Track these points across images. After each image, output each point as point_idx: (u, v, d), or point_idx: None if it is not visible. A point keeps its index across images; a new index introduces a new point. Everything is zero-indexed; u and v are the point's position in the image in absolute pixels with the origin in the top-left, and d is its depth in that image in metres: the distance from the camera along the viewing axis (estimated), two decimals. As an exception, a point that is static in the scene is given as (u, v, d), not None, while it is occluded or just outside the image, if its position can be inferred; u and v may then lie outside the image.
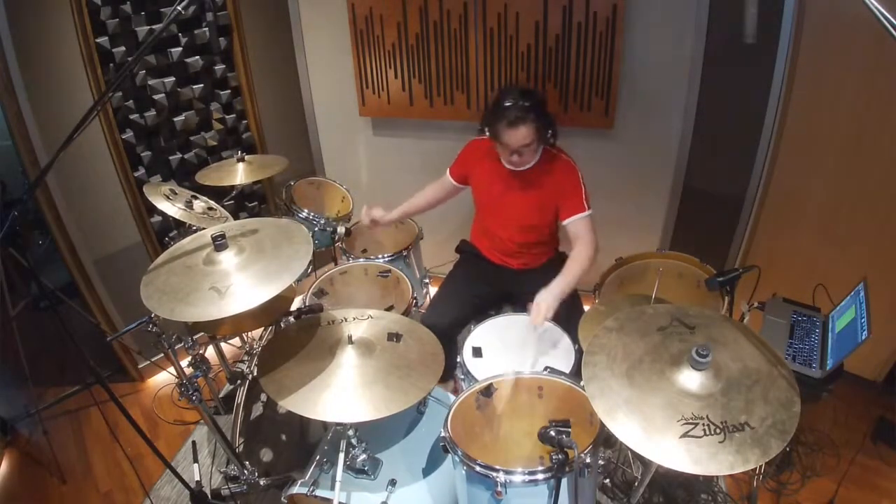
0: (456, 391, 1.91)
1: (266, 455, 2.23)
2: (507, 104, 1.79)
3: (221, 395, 2.53)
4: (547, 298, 1.72)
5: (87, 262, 2.33)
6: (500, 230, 2.08)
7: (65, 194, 2.18)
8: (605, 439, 1.39)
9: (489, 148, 2.01)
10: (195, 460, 2.11)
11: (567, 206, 1.92)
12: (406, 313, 1.99)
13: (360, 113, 2.87)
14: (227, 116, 2.66)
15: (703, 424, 1.12)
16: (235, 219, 2.04)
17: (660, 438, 1.11)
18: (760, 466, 1.77)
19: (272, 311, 1.77)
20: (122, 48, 2.18)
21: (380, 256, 2.31)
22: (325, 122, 3.04)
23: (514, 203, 1.99)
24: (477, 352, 1.79)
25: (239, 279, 1.39)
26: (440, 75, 2.62)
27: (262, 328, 2.36)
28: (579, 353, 1.71)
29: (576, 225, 1.91)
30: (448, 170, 2.19)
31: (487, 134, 1.90)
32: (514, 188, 1.98)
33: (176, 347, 1.68)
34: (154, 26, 2.24)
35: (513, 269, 2.12)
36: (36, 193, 2.07)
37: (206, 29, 2.39)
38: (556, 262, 2.08)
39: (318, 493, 1.46)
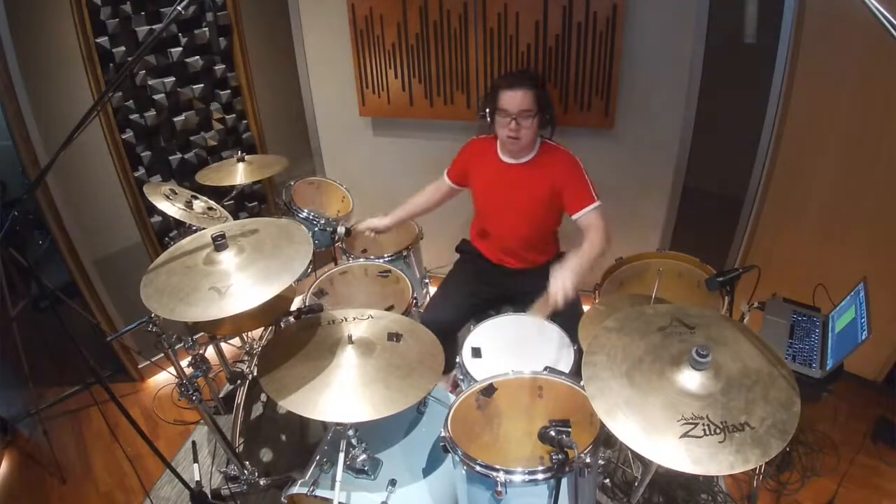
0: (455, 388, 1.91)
1: (266, 455, 2.23)
2: (508, 74, 1.87)
3: (221, 395, 2.53)
4: (564, 274, 1.59)
5: (87, 262, 2.33)
6: (501, 228, 2.08)
7: (65, 194, 2.18)
8: (605, 439, 1.38)
9: (489, 146, 2.01)
10: (195, 460, 2.11)
11: (574, 199, 1.89)
12: (406, 313, 1.99)
13: (361, 113, 2.88)
14: (227, 116, 2.66)
15: (703, 424, 1.12)
16: (235, 219, 2.04)
17: (660, 438, 1.11)
18: (760, 466, 1.77)
19: (272, 311, 1.76)
20: (122, 48, 2.19)
21: (380, 256, 2.31)
22: (325, 122, 3.04)
23: (515, 199, 1.99)
24: (476, 352, 1.79)
25: (239, 279, 1.39)
26: (440, 75, 2.62)
27: (262, 328, 2.36)
28: (579, 353, 1.71)
29: (587, 217, 1.87)
30: (445, 172, 2.19)
31: (486, 115, 1.91)
32: (514, 184, 1.97)
33: (176, 347, 1.68)
34: (154, 26, 2.24)
35: (513, 268, 2.12)
36: (36, 193, 2.07)
37: (206, 29, 2.40)
38: (557, 262, 2.08)
39: (318, 493, 1.46)
